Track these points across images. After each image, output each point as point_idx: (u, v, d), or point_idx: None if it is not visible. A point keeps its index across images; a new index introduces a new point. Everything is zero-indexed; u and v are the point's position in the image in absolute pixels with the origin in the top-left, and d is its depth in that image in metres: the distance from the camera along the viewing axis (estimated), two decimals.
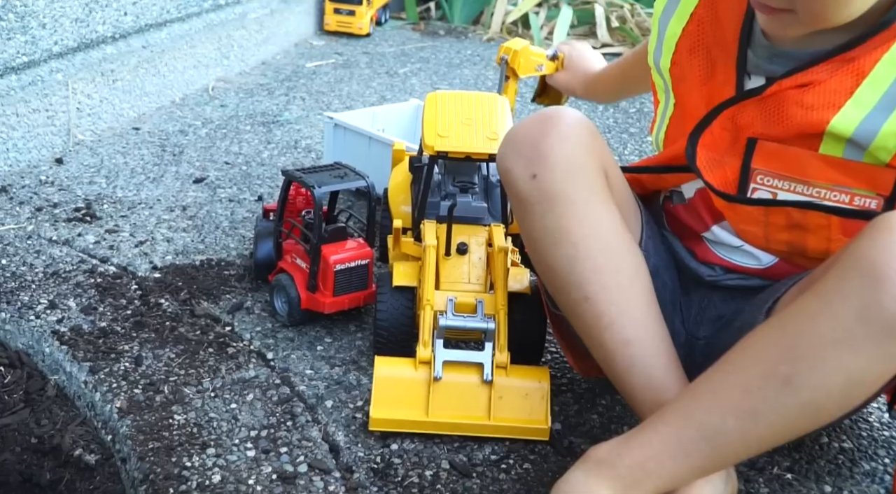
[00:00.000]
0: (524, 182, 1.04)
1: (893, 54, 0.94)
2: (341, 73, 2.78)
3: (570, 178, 1.02)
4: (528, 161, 1.03)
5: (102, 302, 1.38)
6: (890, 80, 0.94)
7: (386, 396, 1.14)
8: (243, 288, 1.46)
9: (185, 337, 1.31)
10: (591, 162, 1.04)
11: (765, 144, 1.02)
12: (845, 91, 0.96)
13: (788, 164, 1.02)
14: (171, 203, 1.76)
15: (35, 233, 1.59)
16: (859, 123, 0.95)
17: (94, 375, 1.22)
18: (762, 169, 1.04)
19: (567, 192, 1.02)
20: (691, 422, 0.90)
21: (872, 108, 0.95)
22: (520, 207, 1.06)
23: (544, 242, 1.04)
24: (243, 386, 1.22)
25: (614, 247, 1.03)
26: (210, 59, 2.53)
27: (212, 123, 2.23)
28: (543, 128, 1.04)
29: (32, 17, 1.82)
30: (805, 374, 0.85)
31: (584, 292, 1.02)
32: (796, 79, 0.99)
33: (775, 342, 0.88)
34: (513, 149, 1.06)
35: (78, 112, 2.00)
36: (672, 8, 1.13)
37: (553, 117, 1.05)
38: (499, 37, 3.36)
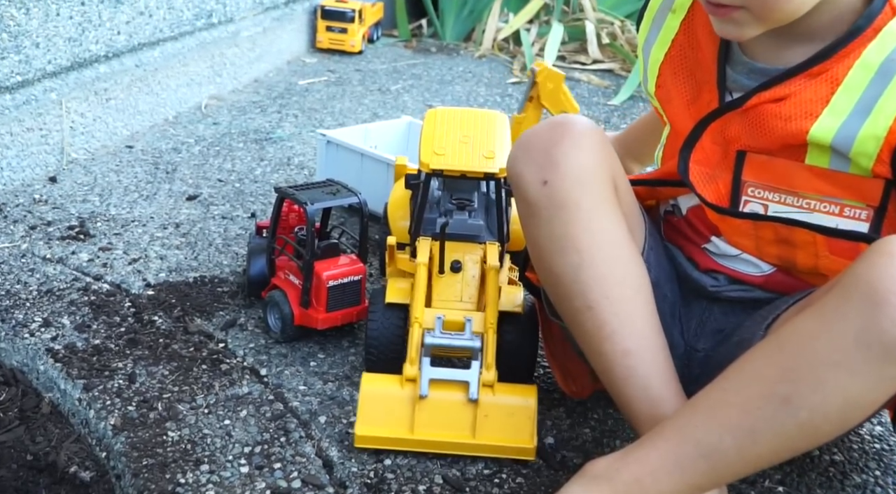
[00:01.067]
0: (534, 187, 1.04)
1: (865, 59, 0.96)
2: (333, 90, 2.79)
3: (580, 186, 1.03)
4: (540, 167, 1.04)
5: (96, 320, 1.39)
6: (864, 85, 0.96)
7: (372, 413, 1.14)
8: (236, 304, 1.47)
9: (178, 354, 1.32)
10: (601, 171, 1.05)
11: (753, 157, 1.04)
12: (821, 100, 0.98)
13: (777, 176, 1.03)
14: (164, 220, 1.76)
15: (29, 251, 1.59)
16: (837, 131, 0.96)
17: (88, 392, 1.22)
18: (753, 181, 1.05)
19: (576, 200, 1.02)
20: (689, 439, 0.91)
21: (848, 115, 0.96)
22: (528, 213, 1.06)
23: (550, 249, 1.05)
24: (237, 403, 1.22)
25: (620, 258, 1.04)
26: (203, 77, 2.54)
27: (205, 141, 2.24)
28: (556, 135, 1.05)
29: (26, 36, 1.83)
30: (804, 395, 0.85)
31: (587, 301, 1.03)
32: (774, 92, 1.01)
33: (774, 361, 0.88)
34: (524, 155, 1.06)
35: (71, 130, 2.01)
36: (654, 36, 1.16)
37: (566, 124, 1.06)
38: (490, 53, 3.38)
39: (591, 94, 2.98)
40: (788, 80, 1.00)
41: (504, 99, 2.85)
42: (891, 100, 0.94)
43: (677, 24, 1.14)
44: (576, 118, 1.08)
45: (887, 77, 0.94)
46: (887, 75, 0.94)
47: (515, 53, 3.38)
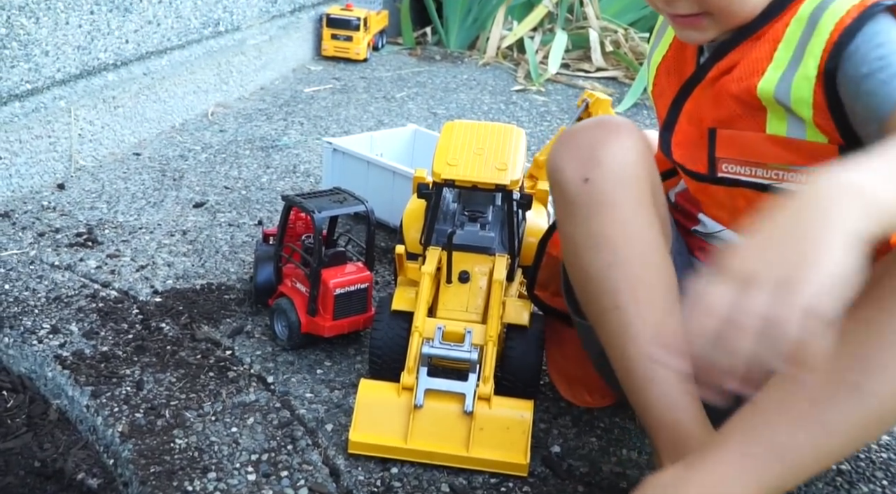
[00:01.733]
0: (575, 184, 1.05)
1: (799, 13, 0.98)
2: (339, 97, 2.80)
3: (622, 187, 1.04)
4: (582, 164, 1.05)
5: (104, 327, 1.40)
6: (797, 36, 0.98)
7: (368, 420, 1.15)
8: (243, 312, 1.48)
9: (185, 362, 1.32)
10: (642, 174, 1.06)
11: (723, 133, 1.06)
12: (765, 57, 1.01)
13: (746, 150, 1.06)
14: (171, 227, 1.77)
15: (37, 258, 1.60)
16: (777, 82, 0.99)
17: (95, 399, 1.23)
18: (725, 157, 1.07)
19: (616, 200, 1.03)
20: (760, 441, 0.88)
21: (787, 65, 0.98)
22: (566, 209, 1.07)
23: (585, 246, 1.05)
24: (244, 410, 1.23)
25: (653, 262, 1.05)
26: (209, 85, 2.55)
27: (211, 148, 2.25)
28: (602, 135, 1.06)
29: (35, 45, 1.84)
30: (874, 380, 0.84)
31: (615, 301, 1.03)
32: (728, 60, 1.04)
33: (838, 352, 0.84)
34: (567, 150, 1.07)
35: (80, 138, 2.02)
36: (658, 41, 1.20)
37: (612, 125, 1.07)
38: (494, 61, 3.39)
39: None
40: (738, 46, 1.04)
41: (508, 106, 2.86)
42: (817, 42, 0.96)
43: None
44: (619, 119, 1.10)
45: (814, 23, 0.97)
46: (814, 21, 0.97)
47: (519, 61, 3.39)
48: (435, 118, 2.66)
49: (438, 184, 1.30)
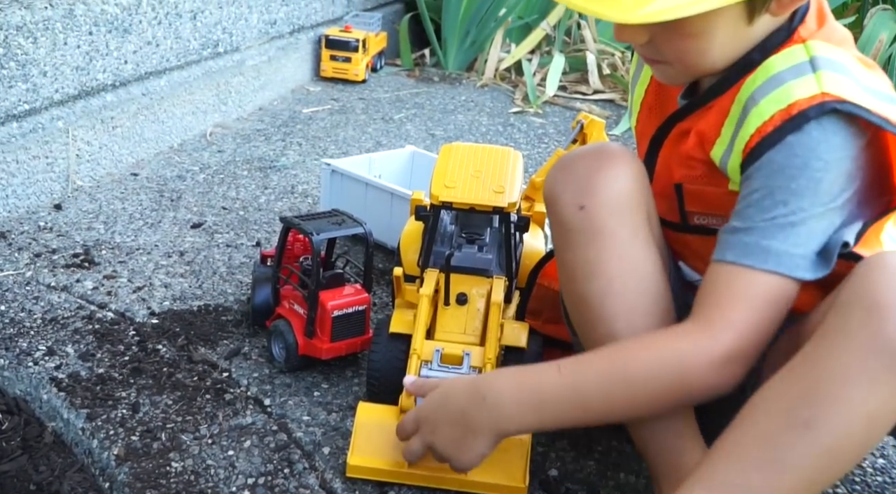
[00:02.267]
0: (571, 211, 1.05)
1: (740, 94, 0.99)
2: (337, 118, 2.81)
3: (617, 215, 1.04)
4: (578, 192, 1.05)
5: (100, 349, 1.39)
6: (735, 119, 0.99)
7: (366, 443, 1.14)
8: (241, 333, 1.47)
9: (182, 384, 1.32)
10: (638, 202, 1.06)
11: (689, 188, 1.07)
12: (714, 130, 1.02)
13: (713, 204, 1.07)
14: (168, 248, 1.77)
15: (33, 278, 1.60)
16: (720, 158, 1.01)
17: (91, 422, 1.22)
18: (695, 210, 1.09)
19: (612, 229, 1.04)
20: (716, 484, 0.88)
21: (727, 145, 1.00)
22: (562, 236, 1.07)
23: (581, 273, 1.05)
24: (241, 433, 1.22)
25: (649, 290, 1.05)
26: (208, 106, 2.56)
27: (209, 169, 2.25)
28: (598, 162, 1.06)
29: (33, 65, 1.85)
30: (825, 416, 0.84)
31: (610, 329, 1.03)
32: (688, 122, 1.06)
33: (789, 389, 0.87)
34: (564, 178, 1.07)
35: (77, 158, 2.02)
36: (638, 74, 1.20)
37: (608, 152, 1.08)
38: (492, 83, 3.40)
39: None
40: (696, 110, 1.05)
41: (506, 128, 2.87)
42: (742, 137, 0.97)
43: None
44: (615, 146, 1.10)
45: (745, 114, 0.97)
46: (745, 113, 0.97)
47: (517, 83, 3.40)
48: (433, 139, 2.67)
49: (436, 207, 1.30)
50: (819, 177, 0.93)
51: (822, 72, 0.94)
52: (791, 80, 0.95)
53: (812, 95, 0.93)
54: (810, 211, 0.94)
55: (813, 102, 0.93)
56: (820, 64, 0.95)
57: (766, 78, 0.96)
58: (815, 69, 0.95)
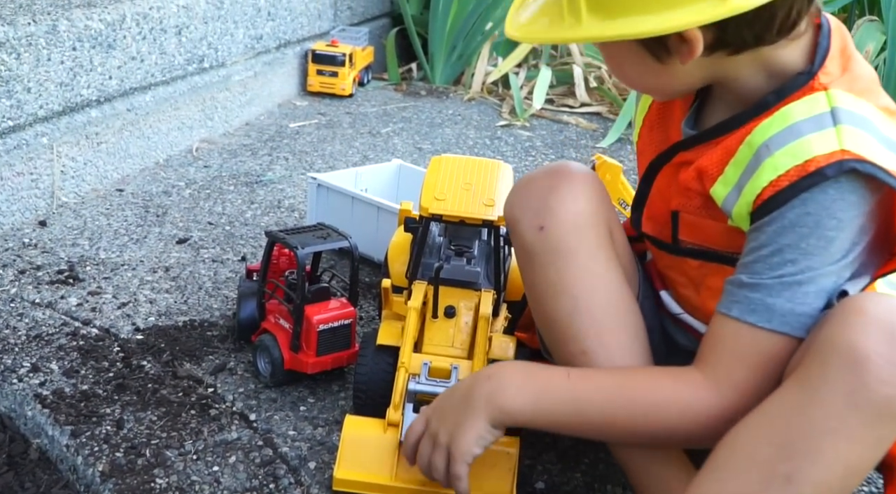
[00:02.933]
0: (531, 233, 1.06)
1: (751, 138, 0.95)
2: (324, 133, 2.81)
3: (577, 233, 1.04)
4: (536, 213, 1.05)
5: (84, 365, 1.38)
6: (744, 164, 0.95)
7: (353, 456, 1.13)
8: (226, 348, 1.46)
9: (167, 400, 1.31)
10: (597, 218, 1.06)
11: (686, 217, 1.05)
12: (717, 167, 0.98)
13: (708, 236, 1.04)
14: (154, 264, 1.76)
15: (18, 295, 1.59)
16: (724, 198, 0.97)
17: (75, 439, 1.21)
18: (688, 240, 1.06)
19: (572, 247, 1.04)
20: None
21: (732, 187, 0.96)
22: (524, 258, 1.08)
23: (546, 294, 1.06)
24: (226, 449, 1.21)
25: (616, 305, 1.04)
26: (194, 121, 2.55)
27: (195, 184, 2.24)
28: (554, 182, 1.06)
29: (17, 81, 1.84)
30: (805, 470, 0.83)
31: (581, 346, 1.03)
32: (692, 153, 1.03)
33: (767, 439, 0.86)
34: (521, 200, 1.08)
35: (62, 174, 2.01)
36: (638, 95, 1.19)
37: (563, 171, 1.08)
38: (479, 96, 3.41)
39: (579, 137, 3.01)
40: (702, 144, 1.02)
41: (493, 141, 2.87)
42: (753, 186, 0.93)
43: None
44: (571, 165, 1.10)
45: (758, 162, 0.93)
46: (758, 160, 0.93)
47: (504, 96, 3.41)
48: (420, 153, 2.67)
49: (426, 219, 1.29)
50: (831, 236, 0.90)
51: (842, 126, 0.90)
52: (810, 134, 0.90)
53: (831, 152, 0.89)
54: (820, 270, 0.91)
55: (832, 160, 0.88)
56: (841, 117, 0.90)
57: (782, 127, 0.92)
58: (836, 123, 0.90)
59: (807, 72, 0.95)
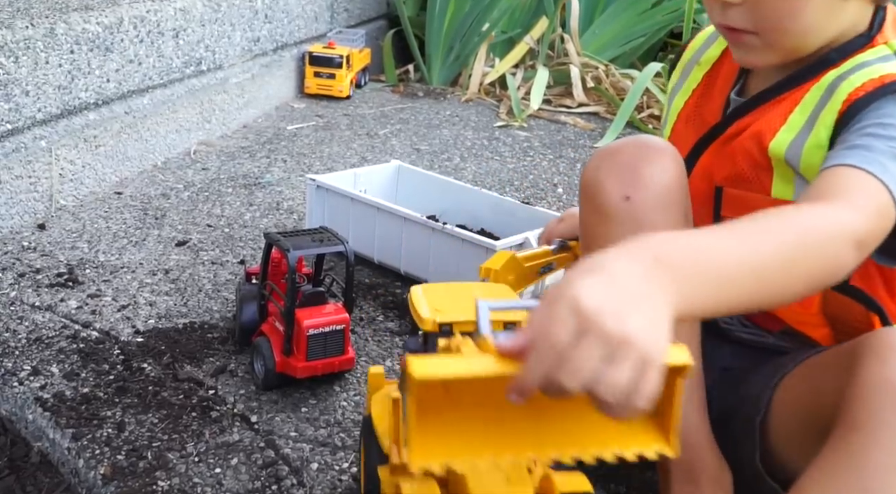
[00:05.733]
0: (615, 200, 1.04)
1: (822, 81, 1.01)
2: (322, 134, 2.81)
3: (661, 208, 1.04)
4: (623, 181, 1.04)
5: (85, 368, 1.38)
6: (815, 101, 1.00)
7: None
8: (226, 350, 1.46)
9: (168, 402, 1.31)
10: (680, 196, 1.06)
11: (729, 192, 1.08)
12: (781, 117, 1.02)
13: (750, 211, 1.05)
14: (153, 266, 1.76)
15: (18, 298, 1.59)
16: (788, 145, 1.00)
17: (77, 442, 1.21)
18: (730, 217, 1.07)
19: (655, 221, 1.03)
20: None
21: (799, 130, 1.00)
22: (602, 225, 1.06)
23: None
24: (227, 450, 1.21)
25: None
26: (192, 124, 2.55)
27: (194, 186, 2.24)
28: (645, 154, 1.06)
29: (15, 84, 1.84)
30: None
31: None
32: (748, 118, 1.06)
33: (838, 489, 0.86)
34: (609, 167, 1.06)
35: (60, 178, 2.01)
36: (680, 85, 1.21)
37: (654, 145, 1.07)
38: (476, 97, 3.41)
39: (577, 137, 3.01)
40: (760, 105, 1.05)
41: (491, 142, 2.87)
42: (829, 112, 0.98)
43: (700, 76, 1.18)
44: (660, 140, 1.09)
45: (830, 92, 0.99)
46: (831, 90, 0.99)
47: (502, 97, 3.41)
48: (418, 154, 2.67)
49: (430, 333, 0.95)
50: None
51: None
52: (879, 64, 0.98)
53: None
54: None
55: None
56: None
57: (852, 66, 0.99)
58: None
59: (865, 34, 1.02)
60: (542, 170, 2.60)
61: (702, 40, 1.22)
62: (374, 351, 1.51)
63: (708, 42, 1.21)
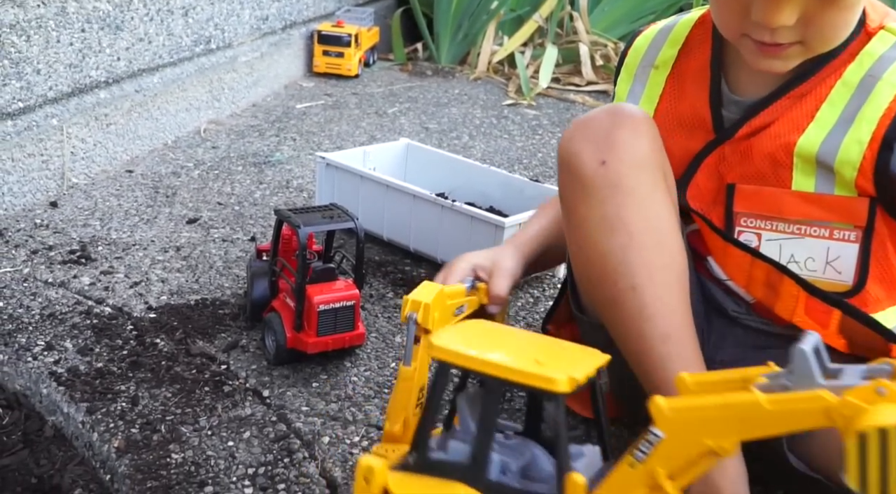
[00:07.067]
0: (591, 167, 1.05)
1: (845, 78, 1.03)
2: (331, 113, 2.81)
3: (637, 171, 1.04)
4: (598, 147, 1.05)
5: (98, 343, 1.40)
6: (845, 100, 1.02)
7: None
8: (238, 326, 1.48)
9: (181, 377, 1.32)
10: (656, 159, 1.07)
11: (743, 188, 1.08)
12: (807, 115, 1.03)
13: (767, 205, 1.07)
14: (164, 244, 1.77)
15: (31, 275, 1.60)
16: (822, 141, 1.02)
17: (91, 415, 1.23)
18: (744, 212, 1.08)
19: (631, 184, 1.04)
20: None
21: (833, 125, 1.02)
22: (581, 192, 1.07)
23: (600, 228, 1.05)
24: (240, 424, 1.23)
25: (668, 244, 1.05)
26: (201, 102, 2.56)
27: (204, 165, 2.25)
28: (617, 120, 1.07)
29: (27, 63, 1.85)
30: None
31: (632, 281, 1.03)
32: (762, 118, 1.07)
33: None
34: (583, 135, 1.07)
35: (72, 156, 2.02)
36: (639, 92, 1.19)
37: (625, 111, 1.08)
38: (485, 76, 3.41)
39: None
40: (774, 103, 1.06)
41: (500, 120, 2.87)
42: (872, 108, 1.00)
43: (663, 79, 1.18)
44: (634, 107, 1.11)
45: (867, 90, 1.01)
46: (866, 89, 1.01)
47: (510, 75, 3.41)
48: (427, 133, 2.68)
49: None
50: None
51: None
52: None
53: None
54: None
55: None
56: None
57: (873, 60, 1.02)
58: None
59: (860, 22, 1.05)
60: (551, 149, 2.60)
61: (647, 42, 1.22)
62: (384, 327, 1.52)
63: (656, 44, 1.21)
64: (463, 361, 0.77)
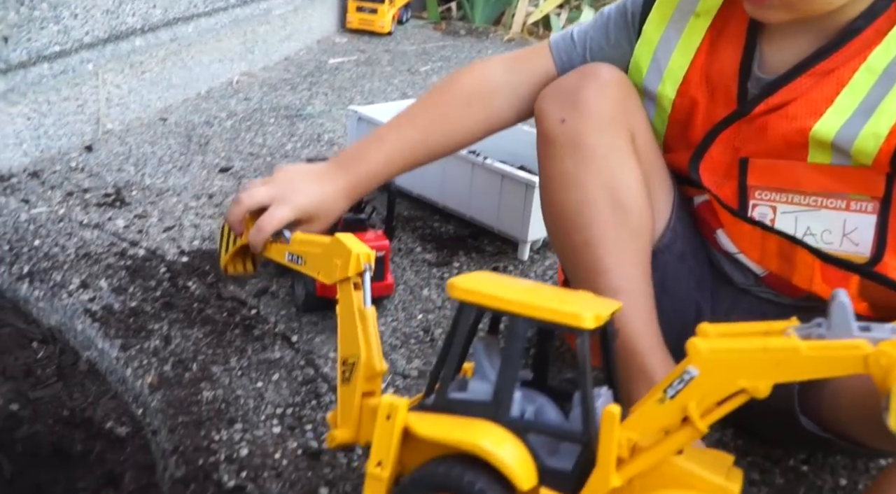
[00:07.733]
0: (553, 124, 1.09)
1: (870, 63, 0.98)
2: (363, 69, 2.81)
3: (596, 131, 1.07)
4: (561, 106, 1.09)
5: (132, 283, 1.42)
6: (868, 87, 0.98)
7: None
8: (268, 273, 1.50)
9: (212, 319, 1.35)
10: (619, 120, 1.08)
11: (757, 161, 1.07)
12: (826, 99, 1.00)
13: (782, 178, 1.05)
14: (197, 191, 1.79)
15: (67, 216, 1.63)
16: (839, 129, 0.99)
17: (125, 352, 1.25)
18: (758, 185, 1.07)
19: (589, 143, 1.07)
20: None
21: (852, 114, 0.98)
22: (544, 148, 1.11)
23: (559, 184, 1.09)
24: (269, 366, 1.25)
25: (624, 204, 1.07)
26: (235, 54, 2.57)
27: (236, 116, 2.27)
28: (582, 81, 1.09)
29: (65, 6, 1.86)
30: None
31: (585, 236, 1.07)
32: (780, 96, 1.04)
33: None
34: (551, 94, 1.11)
35: (107, 102, 2.04)
36: (674, 38, 1.13)
37: (594, 72, 1.10)
38: (519, 37, 3.39)
39: None
40: (793, 81, 1.03)
41: None
42: (893, 100, 0.96)
43: (704, 29, 1.12)
44: (604, 67, 1.12)
45: (891, 79, 0.97)
46: (891, 78, 0.97)
47: (544, 37, 3.38)
48: None
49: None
50: None
51: None
52: None
53: None
54: None
55: None
56: None
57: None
58: None
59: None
60: None
61: None
62: (411, 280, 1.53)
63: None
64: (488, 301, 0.79)
